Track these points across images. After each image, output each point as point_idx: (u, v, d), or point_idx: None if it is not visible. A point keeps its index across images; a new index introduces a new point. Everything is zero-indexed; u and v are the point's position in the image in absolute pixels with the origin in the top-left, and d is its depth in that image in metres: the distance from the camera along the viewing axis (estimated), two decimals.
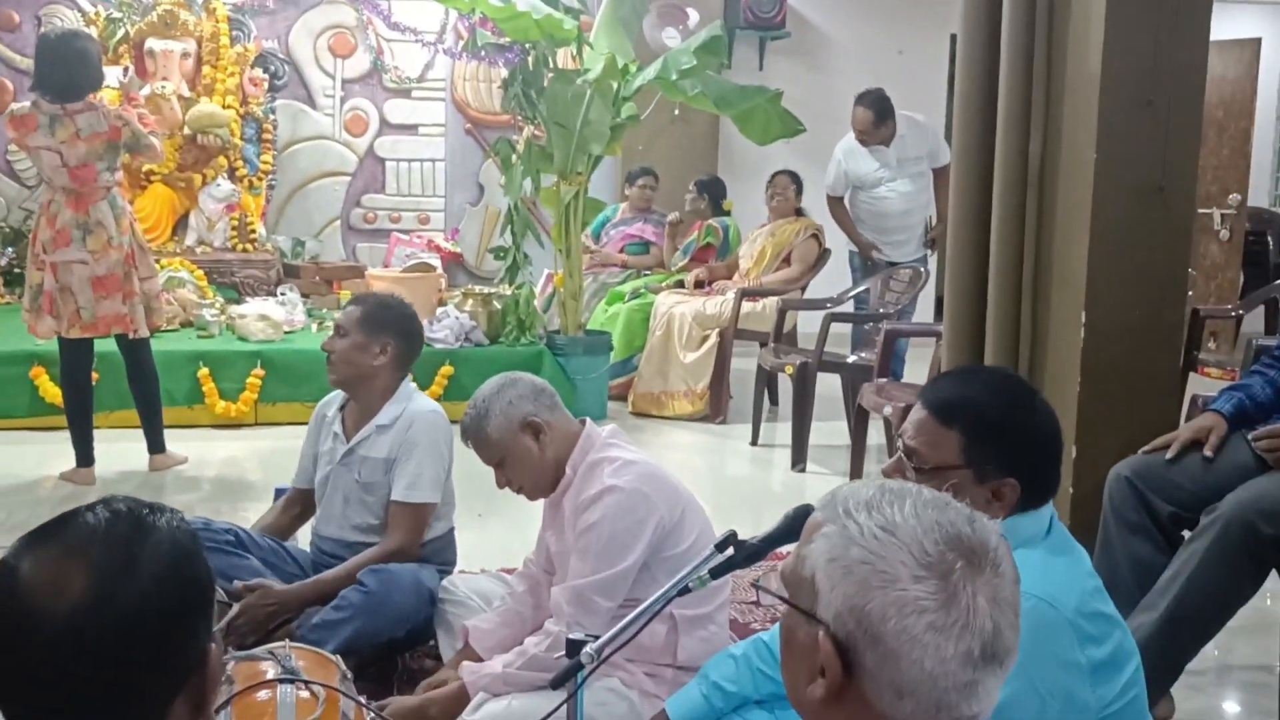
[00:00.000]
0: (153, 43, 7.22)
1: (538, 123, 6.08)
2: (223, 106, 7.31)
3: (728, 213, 7.17)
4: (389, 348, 3.13)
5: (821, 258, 6.46)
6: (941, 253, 4.91)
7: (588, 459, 2.61)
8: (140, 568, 1.08)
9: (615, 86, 5.80)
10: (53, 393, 5.31)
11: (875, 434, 5.07)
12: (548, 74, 5.98)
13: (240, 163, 7.43)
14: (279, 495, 3.56)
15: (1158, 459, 2.79)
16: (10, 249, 7.20)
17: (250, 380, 5.70)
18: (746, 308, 6.16)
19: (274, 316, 6.12)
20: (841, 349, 5.63)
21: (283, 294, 6.66)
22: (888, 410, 4.50)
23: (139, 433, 4.91)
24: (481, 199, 8.30)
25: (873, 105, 6.02)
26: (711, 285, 6.62)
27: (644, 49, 6.58)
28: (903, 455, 1.84)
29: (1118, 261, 3.13)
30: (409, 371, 3.25)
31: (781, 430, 5.82)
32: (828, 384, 5.48)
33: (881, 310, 5.65)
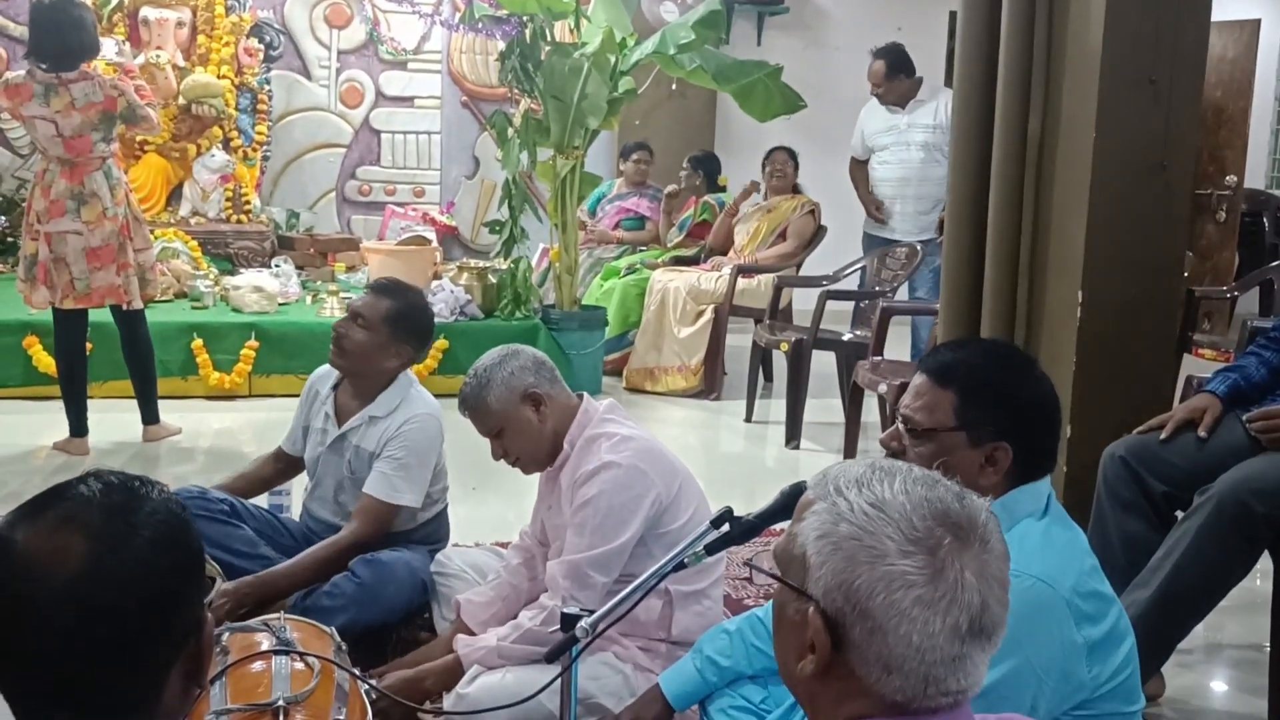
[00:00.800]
0: (147, 11, 7.16)
1: (534, 96, 6.04)
2: (217, 76, 7.26)
3: (723, 189, 7.15)
4: (406, 353, 3.08)
5: (817, 234, 6.44)
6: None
7: (585, 433, 2.61)
8: (137, 534, 1.09)
9: (613, 60, 5.77)
10: (46, 363, 5.30)
11: (870, 412, 5.07)
12: (545, 47, 5.95)
13: (235, 133, 7.39)
14: None
15: (1152, 438, 2.80)
16: (3, 218, 7.15)
17: (244, 352, 5.70)
18: (742, 284, 6.16)
19: (268, 288, 6.10)
20: (835, 326, 5.62)
21: (277, 266, 6.63)
22: (882, 388, 4.51)
23: (133, 403, 4.91)
24: (477, 172, 8.26)
25: (884, 56, 5.92)
26: (709, 260, 6.61)
27: (642, 23, 6.54)
28: (899, 424, 1.85)
29: (1115, 240, 3.12)
30: None
31: (775, 407, 5.83)
32: (822, 361, 5.49)
33: (878, 288, 5.63)
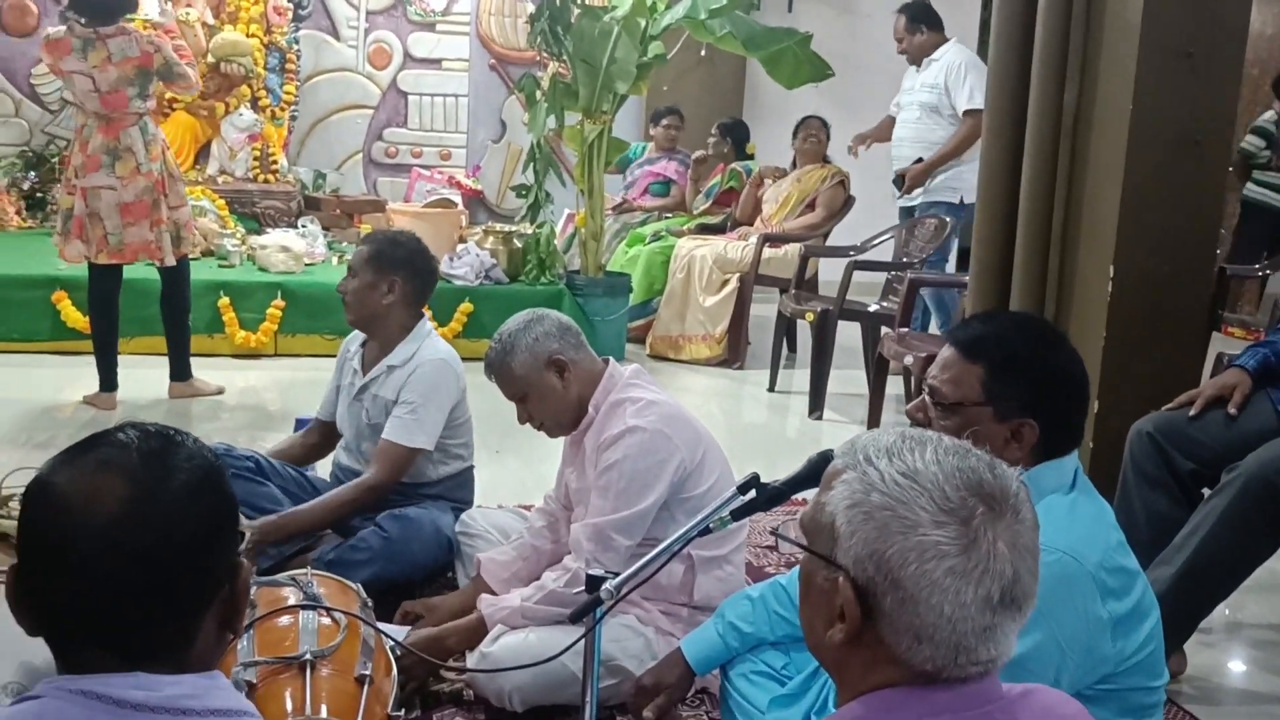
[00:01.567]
0: None
1: (563, 60, 6.01)
2: (246, 35, 7.26)
3: (751, 157, 7.11)
4: (396, 285, 3.11)
5: (846, 204, 6.40)
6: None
7: (610, 398, 2.61)
8: (174, 478, 1.10)
9: (643, 24, 5.73)
10: (74, 317, 5.35)
11: (894, 385, 5.05)
12: (575, 10, 5.91)
13: (263, 92, 7.40)
14: (299, 426, 3.59)
15: (1180, 415, 2.78)
16: (33, 173, 7.19)
17: (270, 311, 5.73)
18: (768, 253, 6.13)
19: (294, 248, 6.11)
20: (861, 297, 5.60)
21: (304, 226, 6.65)
22: (908, 359, 4.49)
23: (161, 360, 4.94)
24: (504, 136, 8.25)
25: (905, 9, 5.84)
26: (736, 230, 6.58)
27: None
28: (926, 396, 1.85)
29: (1149, 215, 3.08)
30: (424, 309, 3.23)
31: (799, 377, 5.82)
32: (847, 333, 5.47)
33: (905, 259, 5.60)
